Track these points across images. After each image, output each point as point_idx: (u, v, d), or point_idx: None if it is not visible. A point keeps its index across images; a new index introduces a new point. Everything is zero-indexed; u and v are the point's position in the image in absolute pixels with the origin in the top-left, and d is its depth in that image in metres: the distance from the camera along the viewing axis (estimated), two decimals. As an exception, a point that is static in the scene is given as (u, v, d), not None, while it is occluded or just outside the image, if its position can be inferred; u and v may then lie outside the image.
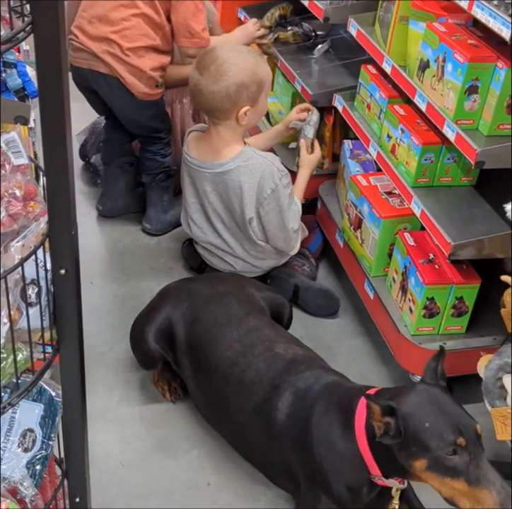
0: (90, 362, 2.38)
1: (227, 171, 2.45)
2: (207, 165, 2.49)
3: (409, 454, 1.58)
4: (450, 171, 2.30)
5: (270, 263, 2.70)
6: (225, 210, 2.54)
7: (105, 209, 3.14)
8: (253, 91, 2.39)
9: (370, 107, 2.60)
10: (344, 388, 1.83)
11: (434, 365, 1.73)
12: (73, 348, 1.25)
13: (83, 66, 2.80)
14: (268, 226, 2.52)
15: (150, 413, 2.27)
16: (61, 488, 1.47)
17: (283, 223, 2.51)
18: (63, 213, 1.11)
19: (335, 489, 1.75)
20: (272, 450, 1.92)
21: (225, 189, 2.48)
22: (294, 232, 2.57)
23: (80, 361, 1.27)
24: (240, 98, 2.38)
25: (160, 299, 2.27)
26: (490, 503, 1.53)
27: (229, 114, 2.41)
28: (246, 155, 2.44)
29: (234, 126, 2.45)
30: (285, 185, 2.47)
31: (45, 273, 1.18)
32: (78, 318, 1.23)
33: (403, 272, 2.32)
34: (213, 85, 2.36)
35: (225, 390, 2.03)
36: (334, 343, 2.59)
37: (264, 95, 2.46)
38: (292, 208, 2.54)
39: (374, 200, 2.46)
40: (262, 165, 2.43)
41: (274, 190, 2.43)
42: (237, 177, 2.44)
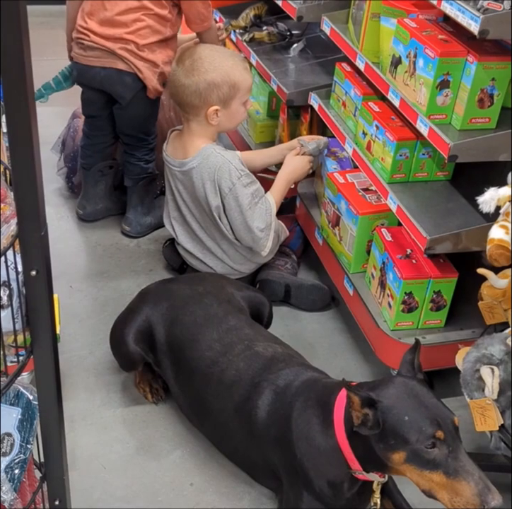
0: (70, 366, 2.42)
1: (190, 169, 2.46)
2: (176, 163, 2.51)
3: (388, 446, 1.59)
4: (425, 166, 2.31)
5: (250, 266, 2.70)
6: (197, 209, 2.55)
7: (85, 213, 3.13)
8: (224, 92, 2.39)
9: (346, 105, 2.62)
10: (323, 384, 1.84)
11: (410, 357, 1.74)
12: (47, 350, 1.25)
13: (95, 64, 2.82)
14: (233, 225, 2.51)
15: (133, 415, 2.26)
16: (41, 492, 1.46)
17: (246, 223, 2.48)
18: (32, 215, 1.11)
19: (316, 485, 1.75)
20: (254, 449, 1.92)
21: (192, 188, 2.49)
22: (261, 231, 2.51)
23: (54, 363, 1.27)
24: (209, 96, 2.39)
25: (139, 300, 2.27)
26: (468, 495, 1.54)
27: (198, 111, 2.42)
28: (206, 152, 2.45)
29: (205, 124, 2.46)
30: (244, 185, 2.45)
31: (16, 275, 1.17)
32: (51, 320, 1.23)
33: (381, 268, 2.33)
34: (184, 79, 2.39)
35: (206, 390, 2.03)
36: (315, 340, 2.60)
37: (238, 99, 2.47)
38: (258, 206, 2.49)
39: (351, 197, 2.47)
40: (219, 163, 2.43)
41: (232, 189, 2.43)
42: (199, 175, 2.45)
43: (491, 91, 1.98)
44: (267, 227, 2.54)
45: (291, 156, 2.68)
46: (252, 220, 2.49)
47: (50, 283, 1.20)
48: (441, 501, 1.59)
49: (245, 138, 3.28)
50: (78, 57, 2.86)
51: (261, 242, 2.55)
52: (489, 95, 1.98)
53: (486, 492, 1.53)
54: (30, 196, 1.10)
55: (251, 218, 2.48)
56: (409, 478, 1.63)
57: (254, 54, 3.13)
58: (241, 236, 2.54)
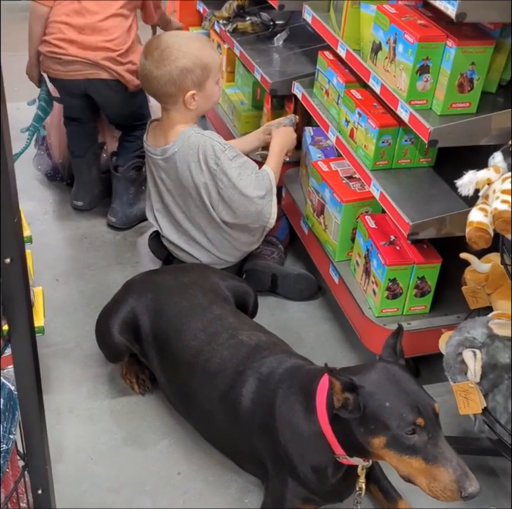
0: (57, 358, 2.42)
1: (173, 154, 2.46)
2: (158, 151, 2.50)
3: (368, 431, 1.60)
4: (408, 153, 2.31)
5: (236, 255, 2.70)
6: (181, 197, 2.54)
7: (85, 203, 3.13)
8: (198, 75, 2.39)
9: (329, 93, 2.61)
10: (305, 370, 1.84)
11: (392, 342, 1.74)
12: (24, 339, 1.24)
13: (77, 77, 2.82)
14: (233, 204, 2.47)
15: (120, 406, 2.27)
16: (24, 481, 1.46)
17: (243, 194, 2.44)
18: (3, 201, 1.10)
19: (300, 471, 1.76)
20: (239, 437, 1.93)
21: (176, 174, 2.48)
22: (261, 199, 2.47)
23: (33, 352, 1.26)
24: (184, 82, 2.38)
25: (124, 292, 2.27)
26: (446, 480, 1.55)
27: (175, 99, 2.42)
28: (186, 135, 2.44)
29: (183, 110, 2.45)
30: (230, 158, 2.43)
31: (-10, 263, 1.17)
32: (28, 309, 1.22)
33: (365, 255, 2.34)
34: (157, 70, 2.38)
35: (191, 379, 2.03)
36: (302, 329, 2.60)
37: (211, 79, 2.46)
38: (252, 176, 2.46)
39: (335, 185, 2.47)
40: (200, 142, 2.42)
41: (219, 164, 2.41)
42: (183, 159, 2.44)
43: (471, 75, 1.98)
44: (268, 193, 2.48)
45: (276, 129, 2.70)
46: (247, 189, 2.44)
47: (25, 271, 1.19)
48: (419, 486, 1.60)
49: (231, 129, 3.28)
50: (58, 73, 2.85)
51: (264, 211, 2.49)
52: (469, 80, 1.99)
53: (464, 478, 1.54)
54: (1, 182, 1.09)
55: (246, 188, 2.44)
56: (388, 462, 1.64)
57: (237, 44, 3.12)
58: (244, 213, 2.49)
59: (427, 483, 1.57)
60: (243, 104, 3.28)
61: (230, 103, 3.33)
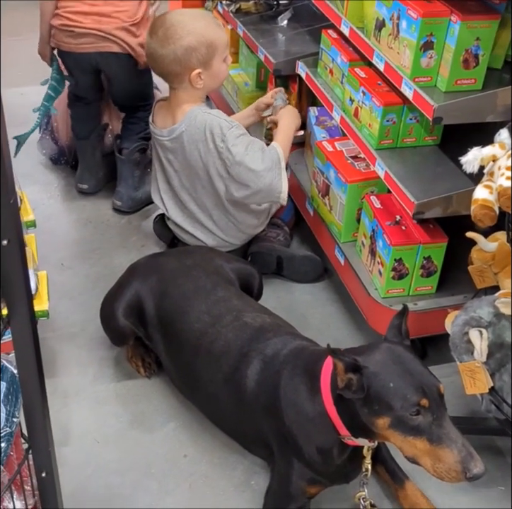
0: (62, 342, 2.42)
1: (180, 134, 2.43)
2: (164, 132, 2.48)
3: (372, 411, 1.58)
4: (413, 131, 2.28)
5: (241, 238, 2.68)
6: (188, 178, 2.52)
7: (90, 186, 3.12)
8: (203, 54, 2.36)
9: (333, 72, 2.58)
10: (310, 351, 1.83)
11: (397, 323, 1.73)
12: (24, 322, 1.23)
13: (89, 50, 2.81)
14: (243, 182, 2.43)
15: (126, 389, 2.26)
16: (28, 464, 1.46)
17: (251, 169, 2.40)
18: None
19: (305, 452, 1.75)
20: (244, 419, 1.92)
21: (184, 155, 2.46)
22: (268, 172, 2.40)
23: (33, 335, 1.25)
24: (189, 61, 2.36)
25: (129, 275, 2.26)
26: (451, 461, 1.53)
27: (181, 78, 2.40)
28: (193, 114, 2.42)
29: (190, 89, 2.43)
30: (237, 135, 2.40)
31: (-13, 245, 1.16)
32: (27, 291, 1.21)
33: (371, 236, 2.32)
34: (162, 49, 2.36)
35: (195, 362, 2.02)
36: (308, 311, 2.59)
37: (218, 58, 2.43)
38: (255, 151, 2.41)
39: (340, 165, 2.45)
40: (207, 120, 2.40)
41: (225, 140, 2.38)
42: (190, 139, 2.42)
43: (476, 51, 1.95)
44: (276, 166, 2.42)
45: (281, 110, 2.65)
46: (254, 164, 2.40)
47: (23, 253, 1.18)
48: (424, 467, 1.59)
49: (235, 110, 3.25)
50: (70, 46, 2.84)
51: (274, 184, 2.42)
52: (474, 56, 1.95)
53: (468, 459, 1.53)
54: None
55: (252, 162, 2.39)
56: (393, 443, 1.63)
57: (241, 24, 3.09)
58: (255, 189, 2.44)
59: (432, 464, 1.56)
60: (247, 86, 3.25)
61: (234, 84, 3.30)
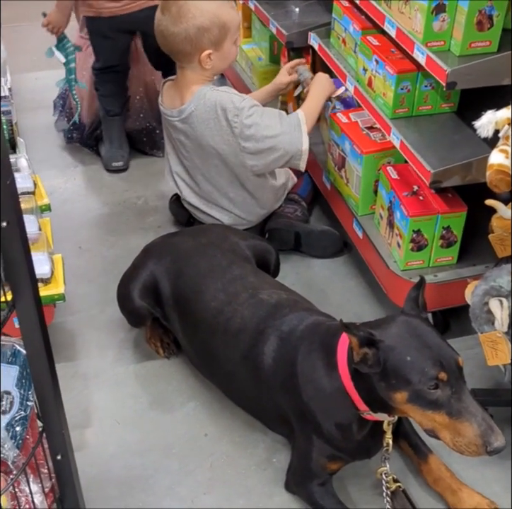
0: (81, 325, 2.41)
1: (190, 114, 2.40)
2: (175, 112, 2.45)
3: (390, 386, 1.55)
4: (428, 99, 2.22)
5: (258, 214, 2.65)
6: (201, 159, 2.49)
7: (124, 163, 3.16)
8: (215, 35, 2.32)
9: (346, 42, 2.53)
10: (326, 326, 1.80)
11: (415, 295, 1.68)
12: (29, 304, 1.22)
13: (133, 9, 2.89)
14: (261, 152, 2.40)
15: (145, 370, 2.26)
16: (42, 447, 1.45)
17: (269, 136, 2.36)
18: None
19: (324, 428, 1.73)
20: (263, 396, 1.90)
21: (195, 135, 2.43)
22: (287, 135, 2.38)
23: (38, 315, 1.24)
24: (200, 41, 2.32)
25: (144, 256, 2.24)
26: (471, 435, 1.50)
27: (191, 57, 2.36)
28: (202, 93, 2.39)
29: (199, 69, 2.39)
30: (250, 106, 2.37)
31: (-13, 228, 1.14)
32: (30, 273, 1.20)
33: (389, 207, 2.27)
34: (173, 27, 2.31)
35: (212, 340, 2.00)
36: (328, 286, 2.55)
37: (229, 39, 2.39)
38: (271, 118, 2.39)
39: (355, 136, 2.40)
40: (217, 97, 2.37)
41: (239, 115, 2.35)
42: (200, 118, 2.39)
43: (490, 12, 1.89)
44: (295, 129, 2.40)
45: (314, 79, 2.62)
46: (271, 129, 2.36)
47: (24, 234, 1.16)
48: (443, 441, 1.56)
49: (249, 86, 3.21)
50: (113, 10, 2.87)
51: (293, 147, 2.39)
52: (488, 17, 1.89)
53: (489, 433, 1.49)
54: (-10, 145, 1.06)
55: (269, 128, 2.36)
56: (412, 417, 1.60)
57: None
58: (275, 157, 2.41)
59: (451, 438, 1.53)
60: (261, 60, 3.20)
61: (247, 60, 3.25)
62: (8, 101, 2.72)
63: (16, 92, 3.44)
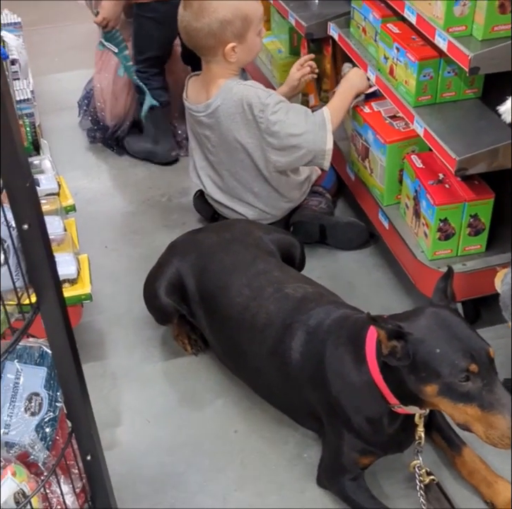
0: (110, 324, 2.42)
1: (216, 109, 2.39)
2: (200, 107, 2.44)
3: (419, 379, 1.53)
4: (452, 85, 2.19)
5: (283, 208, 2.63)
6: (226, 153, 2.48)
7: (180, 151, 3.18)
8: (238, 27, 2.31)
9: (366, 31, 2.50)
10: (354, 320, 1.78)
11: (443, 285, 1.66)
12: (53, 306, 1.22)
13: None
14: (285, 148, 2.39)
15: (173, 367, 2.25)
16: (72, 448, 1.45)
17: (294, 134, 2.36)
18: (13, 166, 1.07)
19: (355, 422, 1.71)
20: (292, 391, 1.89)
21: (220, 130, 2.42)
22: (311, 134, 2.37)
23: (62, 317, 1.24)
24: (224, 35, 2.31)
25: (168, 253, 2.24)
26: (504, 427, 1.48)
27: (215, 51, 2.35)
28: (228, 87, 2.38)
29: (224, 63, 2.39)
30: (276, 102, 2.36)
31: (9, 230, 1.14)
32: (53, 275, 1.20)
33: (414, 196, 2.24)
34: (196, 22, 2.31)
35: (239, 336, 1.99)
36: (355, 278, 2.53)
37: (252, 31, 2.38)
38: (297, 115, 2.37)
39: (377, 126, 2.38)
40: (243, 91, 2.36)
41: (264, 110, 2.34)
42: (226, 112, 2.38)
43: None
44: (320, 128, 2.38)
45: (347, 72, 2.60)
46: (296, 128, 2.36)
47: (45, 236, 1.16)
48: (476, 434, 1.54)
49: (270, 79, 3.19)
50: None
51: (317, 147, 2.39)
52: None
53: None
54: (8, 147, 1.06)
55: (295, 126, 2.36)
56: (443, 410, 1.57)
57: (271, -10, 3.02)
58: (298, 154, 2.40)
59: (484, 431, 1.50)
60: (281, 53, 3.18)
61: (267, 53, 3.23)
62: (31, 103, 2.73)
63: (39, 95, 3.45)
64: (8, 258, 1.16)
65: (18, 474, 1.30)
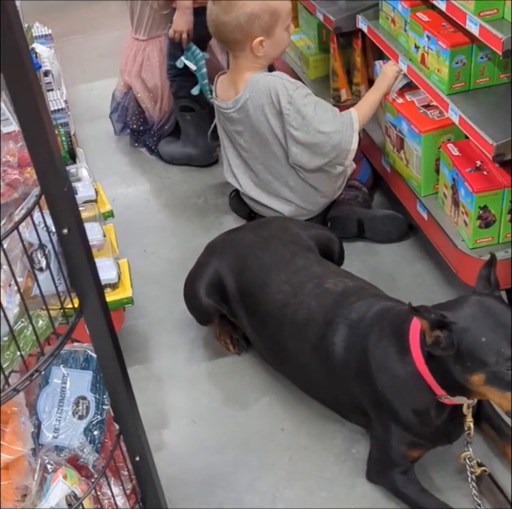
0: (153, 327, 2.44)
1: (245, 102, 2.40)
2: (230, 104, 2.46)
3: (465, 368, 1.51)
4: (485, 70, 2.16)
5: (319, 203, 2.62)
6: (259, 147, 2.48)
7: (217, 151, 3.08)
8: (266, 21, 2.32)
9: (395, 21, 2.47)
10: (396, 312, 1.76)
11: (486, 273, 1.63)
12: (96, 309, 1.23)
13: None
14: (308, 144, 2.38)
15: (217, 367, 2.26)
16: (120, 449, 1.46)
17: (321, 131, 2.35)
18: (50, 172, 1.08)
19: (402, 415, 1.69)
20: (337, 387, 1.88)
21: (251, 123, 2.43)
22: (339, 134, 2.37)
23: (106, 320, 1.25)
24: (252, 29, 2.32)
25: (207, 254, 2.25)
26: None
27: (243, 45, 2.37)
28: (255, 79, 2.39)
29: (251, 57, 2.40)
30: (304, 95, 2.36)
31: (49, 235, 1.16)
32: (95, 278, 1.21)
33: (452, 185, 2.21)
34: (224, 16, 2.33)
35: (281, 334, 1.99)
36: (395, 271, 2.51)
37: (280, 25, 2.38)
38: (324, 111, 2.37)
39: (411, 116, 2.35)
40: (271, 82, 2.36)
41: (292, 102, 2.34)
42: (255, 104, 2.39)
43: (544, -27, 1.81)
44: (348, 128, 2.39)
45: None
46: (324, 125, 2.36)
47: (85, 240, 1.17)
48: None
49: (300, 75, 3.18)
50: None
51: (343, 147, 2.39)
52: (542, -22, 1.81)
53: None
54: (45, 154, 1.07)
55: (322, 123, 2.36)
56: (491, 400, 1.55)
57: (297, -13, 3.01)
58: (320, 152, 2.40)
59: None
60: (310, 49, 3.17)
61: (296, 50, 3.22)
62: (65, 113, 2.77)
63: (73, 104, 3.49)
64: (50, 263, 1.17)
65: (69, 477, 1.32)
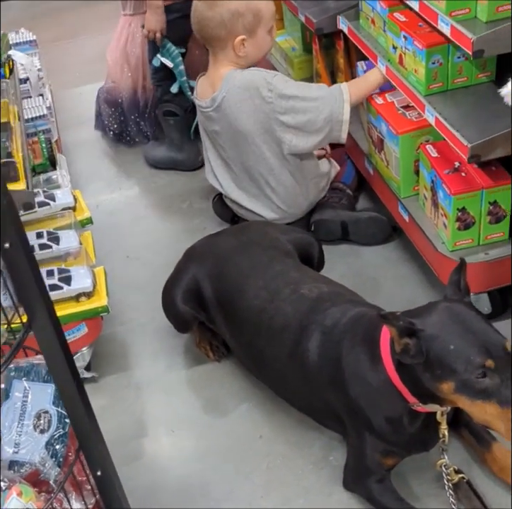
0: (132, 334, 2.42)
1: (222, 100, 2.39)
2: (208, 102, 2.44)
3: (435, 376, 1.48)
4: (463, 70, 2.12)
5: (302, 203, 2.58)
6: (238, 147, 2.46)
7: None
8: (249, 21, 2.32)
9: (375, 22, 2.44)
10: (368, 318, 1.73)
11: (456, 278, 1.60)
12: (45, 323, 1.20)
13: None
14: (300, 124, 2.37)
15: (197, 375, 2.24)
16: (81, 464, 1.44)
17: (308, 99, 2.36)
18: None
19: (375, 423, 1.67)
20: (313, 393, 1.85)
21: (229, 122, 2.41)
22: (327, 100, 2.36)
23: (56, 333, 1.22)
24: (234, 26, 2.32)
25: (185, 259, 2.23)
26: None
27: (225, 43, 2.36)
28: (231, 76, 2.38)
29: (232, 56, 2.39)
30: (284, 81, 2.39)
31: (-9, 251, 1.14)
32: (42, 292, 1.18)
33: (431, 187, 2.18)
34: (208, 11, 2.33)
35: (258, 340, 1.96)
36: (379, 273, 2.48)
37: (263, 27, 2.37)
38: (308, 87, 2.41)
39: (389, 117, 2.32)
40: (247, 77, 2.36)
41: (273, 89, 2.33)
42: (232, 101, 2.37)
43: (515, -29, 1.78)
44: (337, 98, 2.37)
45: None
46: (310, 92, 2.38)
47: (28, 254, 1.15)
48: (498, 432, 1.48)
49: (285, 77, 3.15)
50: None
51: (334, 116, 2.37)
52: (513, -24, 1.78)
53: None
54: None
55: (308, 92, 2.37)
56: (462, 408, 1.51)
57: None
58: (315, 126, 2.38)
59: (506, 429, 1.44)
60: (294, 50, 3.14)
61: (281, 51, 3.20)
62: (47, 119, 2.75)
63: (61, 109, 3.48)
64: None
65: (24, 494, 1.29)
